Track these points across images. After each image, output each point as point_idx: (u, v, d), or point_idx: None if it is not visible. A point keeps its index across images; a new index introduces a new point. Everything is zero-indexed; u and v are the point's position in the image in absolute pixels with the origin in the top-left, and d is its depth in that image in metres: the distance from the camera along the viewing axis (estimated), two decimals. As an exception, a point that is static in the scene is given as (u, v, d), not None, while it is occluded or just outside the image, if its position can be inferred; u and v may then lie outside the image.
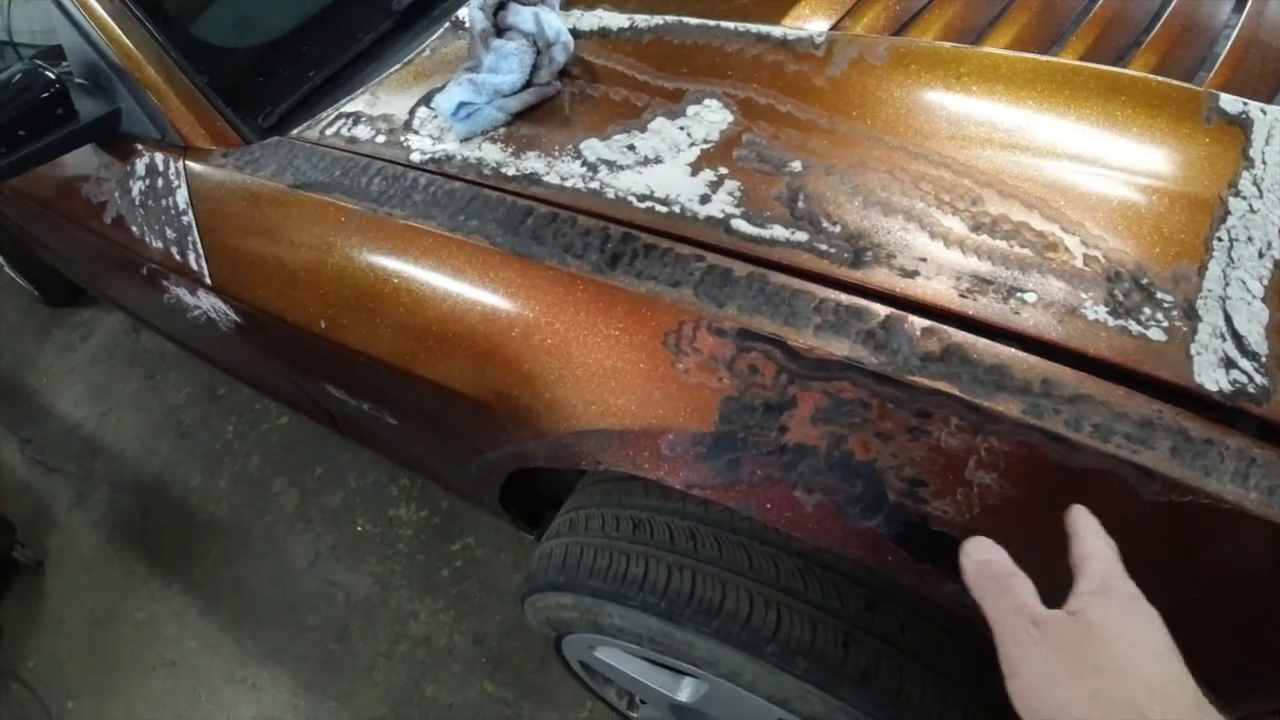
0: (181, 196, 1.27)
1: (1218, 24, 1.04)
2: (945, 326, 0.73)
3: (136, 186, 1.36)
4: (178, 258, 1.32)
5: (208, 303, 1.37)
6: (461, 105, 1.00)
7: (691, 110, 0.94)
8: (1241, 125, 0.83)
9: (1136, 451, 0.67)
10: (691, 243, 0.83)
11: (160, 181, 1.31)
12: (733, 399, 0.77)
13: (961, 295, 0.74)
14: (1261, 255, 0.74)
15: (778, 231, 0.82)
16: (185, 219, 1.27)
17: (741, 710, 1.00)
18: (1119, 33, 0.97)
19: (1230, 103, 0.84)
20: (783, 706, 0.89)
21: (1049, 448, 0.68)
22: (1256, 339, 0.70)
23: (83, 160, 1.48)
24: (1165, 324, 0.71)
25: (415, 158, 1.04)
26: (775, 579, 0.85)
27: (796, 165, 0.86)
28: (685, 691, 1.09)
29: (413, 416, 1.19)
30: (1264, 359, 0.69)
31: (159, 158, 1.30)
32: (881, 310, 0.75)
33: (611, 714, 1.49)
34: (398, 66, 1.20)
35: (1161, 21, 1.00)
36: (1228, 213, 0.77)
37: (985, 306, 0.73)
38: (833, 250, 0.79)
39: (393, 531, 1.94)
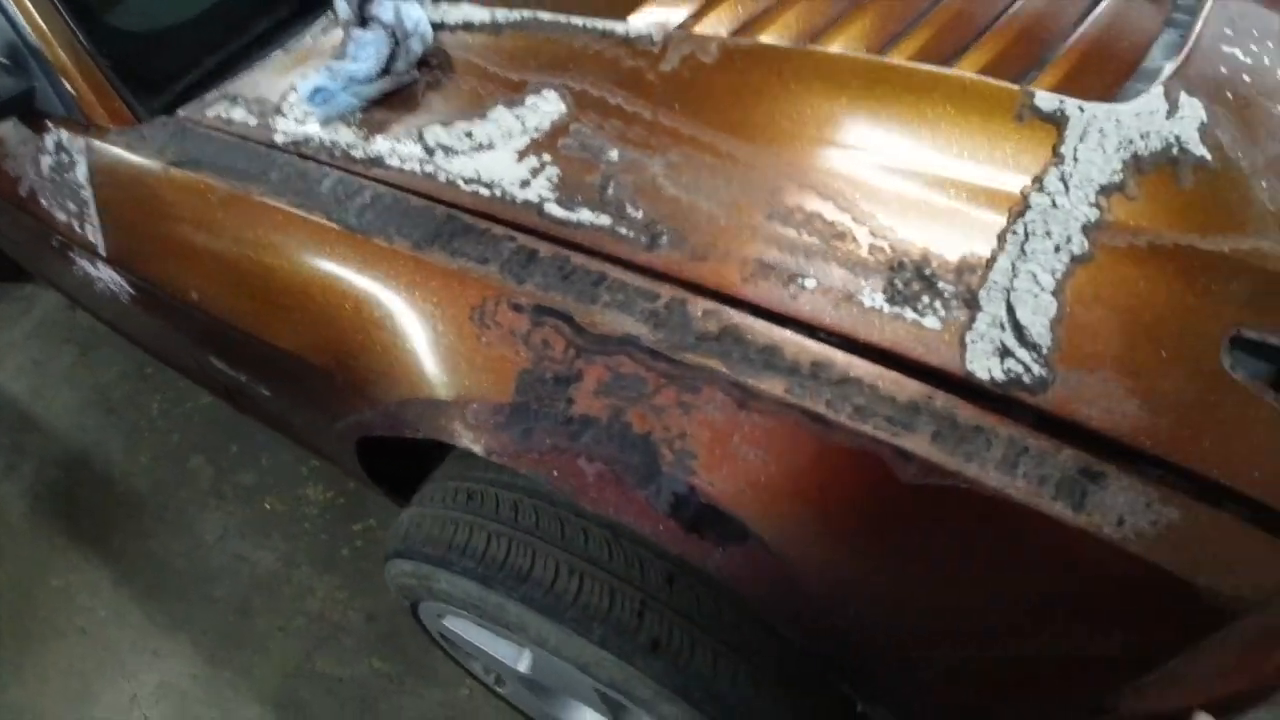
0: (81, 172, 1.31)
1: (1065, 26, 1.07)
2: (726, 308, 0.77)
3: (46, 161, 1.40)
4: (78, 230, 1.35)
5: (106, 274, 1.41)
6: (318, 90, 1.05)
7: (530, 100, 0.99)
8: (1055, 123, 0.86)
9: (896, 434, 0.70)
10: (506, 224, 0.87)
11: (65, 157, 1.34)
12: (528, 371, 0.80)
13: (743, 279, 0.78)
14: (1058, 250, 0.77)
15: (584, 215, 0.86)
16: (84, 193, 1.31)
17: (565, 680, 1.04)
18: (954, 34, 1.01)
19: (1046, 100, 0.87)
20: (585, 673, 0.92)
21: (809, 426, 0.72)
22: (1039, 331, 0.72)
23: (4, 135, 1.51)
24: (942, 313, 0.74)
25: (278, 139, 1.08)
26: (583, 549, 0.89)
27: (614, 155, 0.90)
28: (524, 662, 1.12)
29: (280, 387, 1.22)
30: (1045, 350, 0.71)
31: (64, 134, 1.34)
32: (668, 291, 0.79)
33: (489, 693, 1.53)
34: (278, 52, 1.23)
35: (999, 23, 1.04)
36: (1027, 207, 0.80)
37: (765, 290, 0.77)
38: (631, 234, 0.83)
39: (300, 510, 1.97)
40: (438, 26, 1.12)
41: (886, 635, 0.74)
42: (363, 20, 1.09)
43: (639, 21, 1.07)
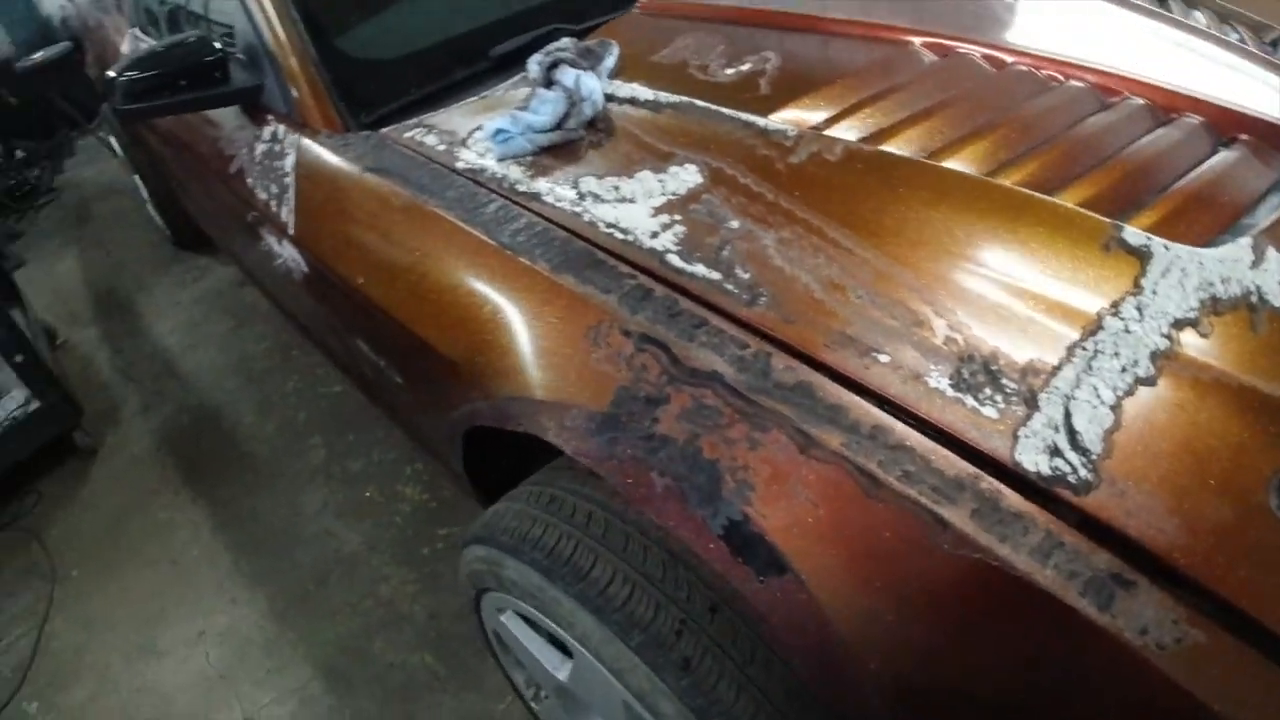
0: (289, 162, 1.53)
1: (1172, 174, 1.12)
2: (804, 367, 0.87)
3: (260, 148, 1.64)
4: (274, 209, 1.57)
5: (288, 252, 1.62)
6: (500, 131, 1.23)
7: (673, 169, 1.13)
8: (1140, 257, 0.93)
9: (938, 503, 0.77)
10: (631, 264, 1.00)
11: (277, 147, 1.58)
12: (625, 389, 0.92)
13: (825, 345, 0.88)
14: (1124, 370, 0.82)
15: (699, 269, 0.98)
16: (286, 180, 1.53)
17: (598, 692, 1.12)
18: (1063, 167, 1.09)
19: (1134, 236, 0.94)
20: (618, 679, 1.00)
21: (858, 480, 0.80)
22: (1092, 438, 0.77)
23: (224, 118, 1.78)
24: (1001, 405, 0.81)
25: (459, 165, 1.26)
26: (640, 563, 0.98)
27: (734, 224, 1.03)
28: (564, 672, 1.21)
29: (412, 374, 1.37)
30: (1094, 456, 0.76)
31: (280, 129, 1.57)
32: (756, 344, 0.89)
33: (526, 713, 1.61)
34: (474, 99, 1.44)
35: (1109, 162, 1.11)
36: (1100, 328, 0.86)
37: (841, 358, 0.87)
38: (735, 291, 0.94)
39: (394, 505, 2.12)
40: (608, 98, 1.30)
41: (901, 691, 0.79)
42: (548, 83, 1.28)
43: (779, 119, 1.20)
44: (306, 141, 1.50)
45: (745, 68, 1.39)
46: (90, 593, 2.12)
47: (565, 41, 1.34)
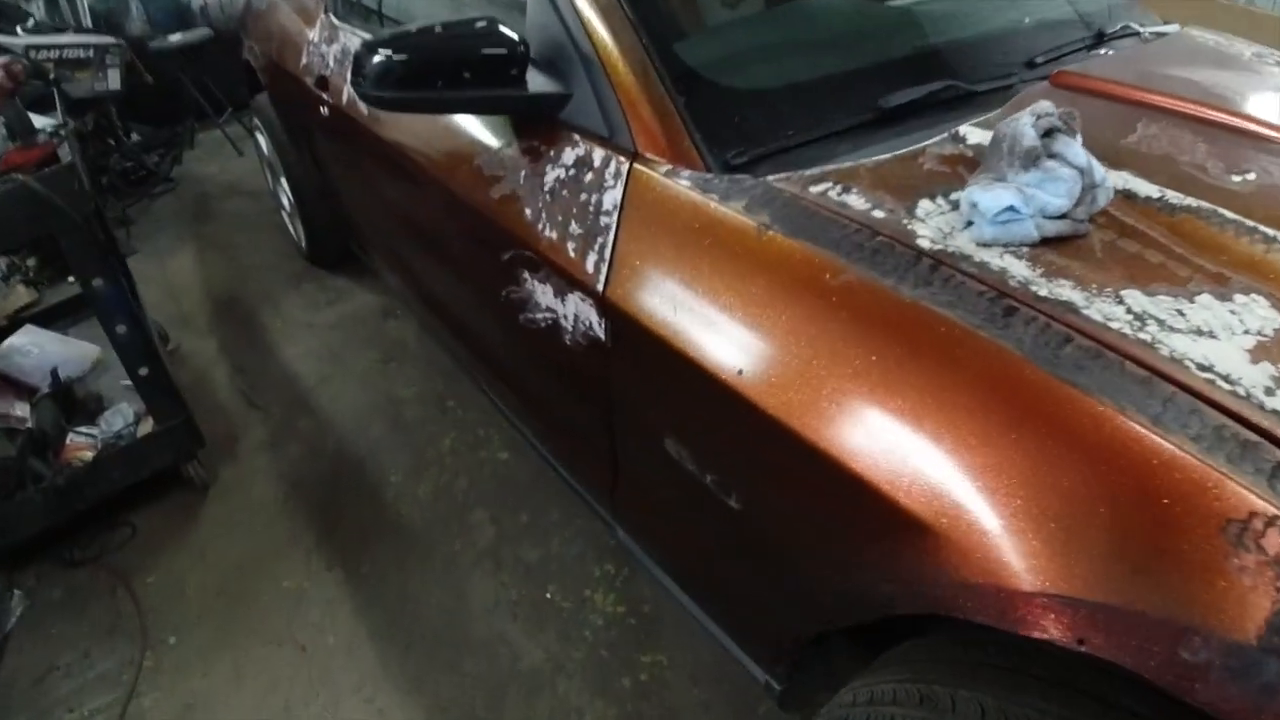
0: (611, 198, 1.19)
1: None
2: None
3: (554, 174, 1.30)
4: (572, 254, 1.23)
5: (573, 309, 1.27)
6: (1007, 210, 0.90)
7: (1239, 299, 0.82)
8: None
9: None
10: (1266, 436, 0.67)
11: (589, 176, 1.24)
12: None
13: None
14: None
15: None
16: (605, 219, 1.19)
17: None
18: None
19: None
20: None
21: None
22: None
23: (488, 130, 1.46)
24: None
25: (923, 244, 0.92)
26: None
27: None
28: None
29: (770, 501, 1.02)
30: None
31: (598, 154, 1.24)
32: None
33: None
34: (888, 156, 1.11)
35: None
36: None
37: None
38: None
39: (583, 615, 1.73)
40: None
41: None
42: (1031, 157, 0.96)
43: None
44: (646, 175, 1.16)
45: (1251, 177, 1.07)
46: (192, 668, 1.72)
47: (1045, 105, 1.03)
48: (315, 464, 2.14)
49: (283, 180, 2.75)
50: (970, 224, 0.92)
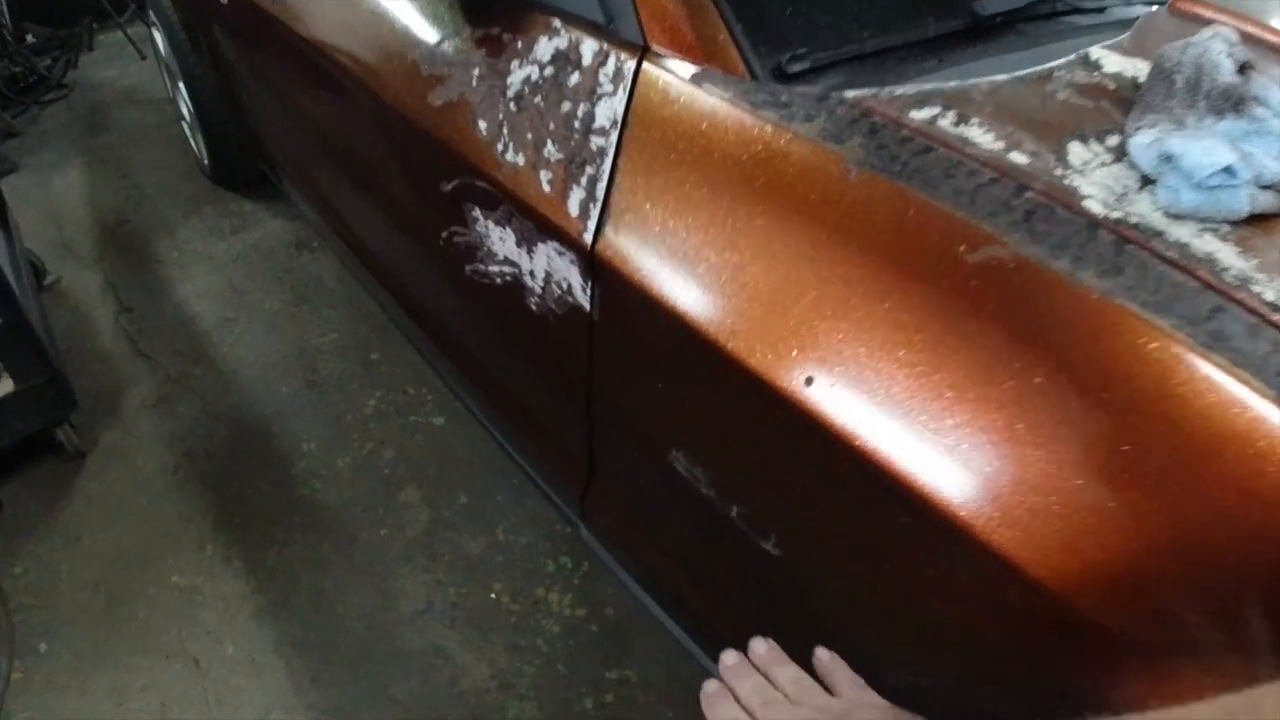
0: (608, 110, 0.86)
1: None
2: None
3: (521, 74, 0.96)
4: (546, 188, 0.91)
5: (544, 264, 0.96)
6: (1221, 172, 0.60)
7: None
8: None
9: None
10: None
11: (575, 78, 0.90)
12: None
13: None
14: None
15: None
16: (598, 142, 0.86)
17: None
18: None
19: None
20: None
21: None
22: None
23: (427, 14, 1.10)
24: None
25: (1093, 206, 0.62)
26: None
27: None
28: None
29: (834, 562, 0.74)
30: None
31: (588, 47, 0.90)
32: None
33: None
34: (1006, 78, 0.79)
35: None
36: None
37: None
38: None
39: (535, 620, 1.46)
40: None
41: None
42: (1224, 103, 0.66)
43: None
44: (669, 82, 0.83)
45: None
46: (67, 684, 1.41)
47: (1228, 32, 0.73)
48: (212, 428, 1.80)
49: (181, 86, 2.32)
50: (1149, 183, 0.63)
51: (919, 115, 0.72)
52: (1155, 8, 1.01)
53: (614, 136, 0.85)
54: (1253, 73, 0.70)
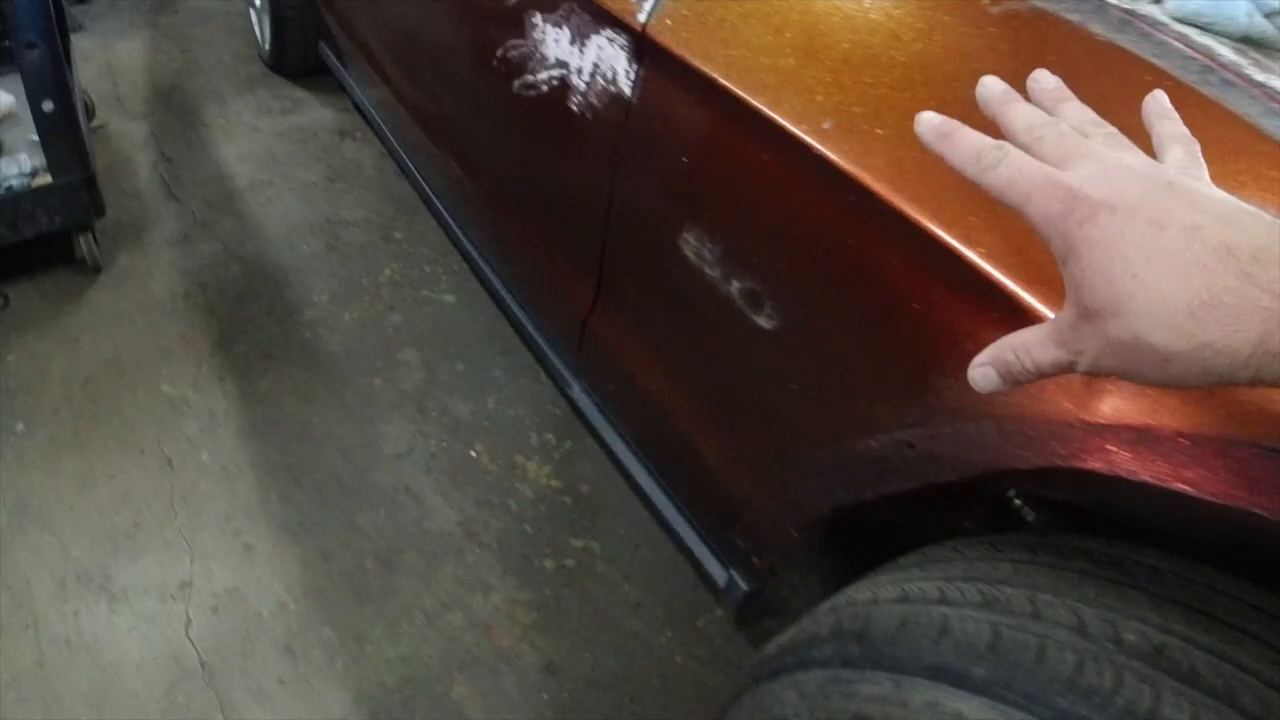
0: None
1: None
2: None
3: None
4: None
5: (593, 58, 0.98)
6: None
7: None
8: None
9: None
10: None
11: None
12: None
13: None
14: None
15: None
16: None
17: None
18: None
19: None
20: None
21: None
22: None
23: None
24: None
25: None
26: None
27: None
28: None
29: (819, 313, 0.74)
30: None
31: None
32: None
33: None
34: None
35: None
36: None
37: None
38: None
39: (510, 482, 1.45)
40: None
41: None
42: None
43: None
44: None
45: None
46: (35, 462, 1.41)
47: None
48: (228, 268, 1.82)
49: (255, -31, 2.38)
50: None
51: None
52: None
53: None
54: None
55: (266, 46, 2.52)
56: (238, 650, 1.19)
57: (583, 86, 1.01)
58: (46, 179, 1.64)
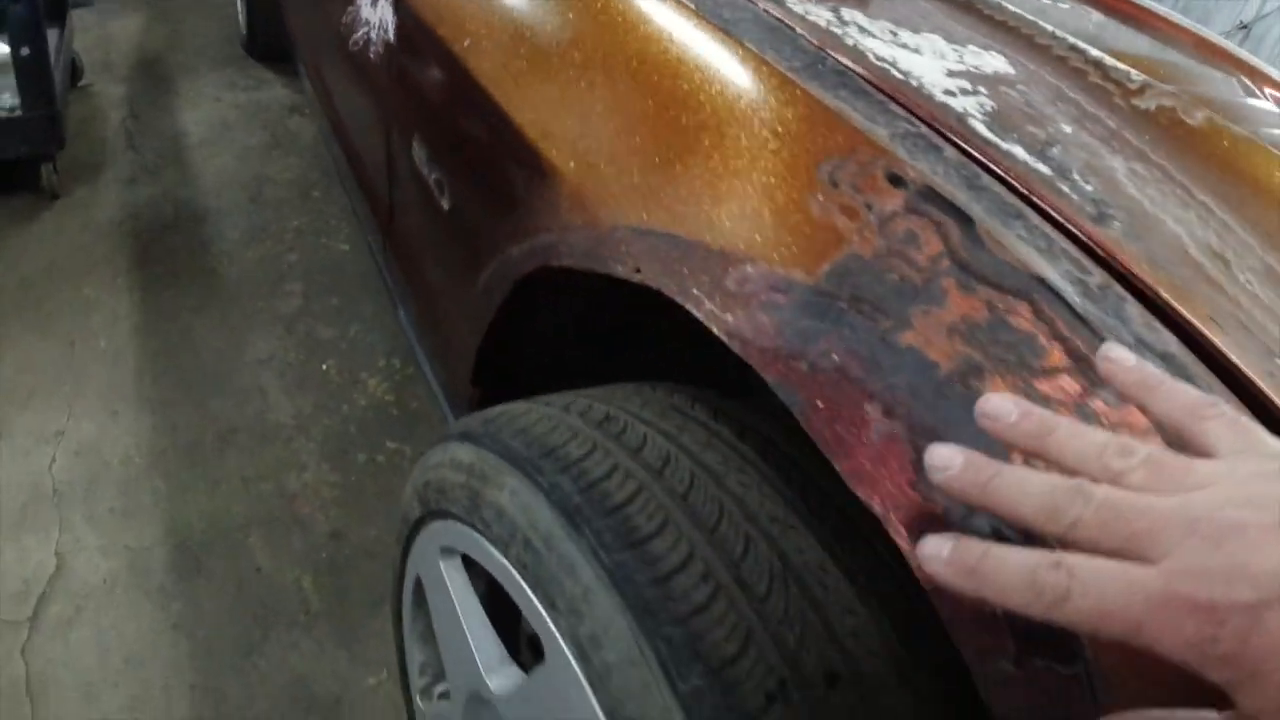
0: None
1: None
2: (1178, 341, 0.51)
3: None
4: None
5: (379, 15, 1.26)
6: None
7: (971, 48, 0.82)
8: None
9: None
10: (910, 110, 0.65)
11: None
12: (858, 259, 0.55)
13: (1212, 321, 0.52)
14: None
15: (1018, 151, 0.62)
16: None
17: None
18: None
19: None
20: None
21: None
22: None
23: None
24: None
25: None
26: (738, 557, 0.59)
27: (1066, 129, 0.69)
28: (502, 679, 0.80)
29: (472, 191, 1.00)
30: None
31: None
32: (1101, 276, 0.53)
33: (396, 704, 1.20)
34: None
35: None
36: None
37: (1237, 349, 0.51)
38: (1076, 199, 0.59)
39: (349, 393, 1.72)
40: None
41: None
42: None
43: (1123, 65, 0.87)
44: None
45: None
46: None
47: None
48: (162, 207, 2.13)
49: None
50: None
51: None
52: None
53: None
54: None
55: (244, 32, 2.86)
56: (85, 485, 1.46)
57: (375, 38, 1.29)
58: (20, 114, 1.97)
